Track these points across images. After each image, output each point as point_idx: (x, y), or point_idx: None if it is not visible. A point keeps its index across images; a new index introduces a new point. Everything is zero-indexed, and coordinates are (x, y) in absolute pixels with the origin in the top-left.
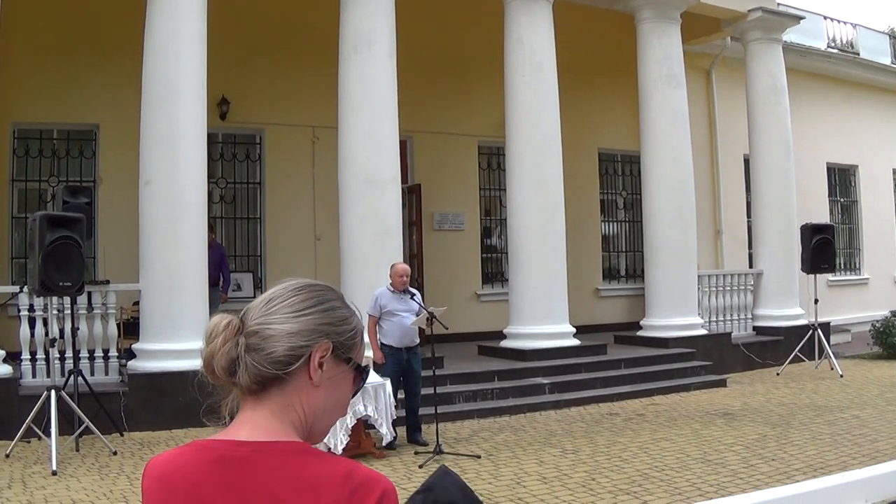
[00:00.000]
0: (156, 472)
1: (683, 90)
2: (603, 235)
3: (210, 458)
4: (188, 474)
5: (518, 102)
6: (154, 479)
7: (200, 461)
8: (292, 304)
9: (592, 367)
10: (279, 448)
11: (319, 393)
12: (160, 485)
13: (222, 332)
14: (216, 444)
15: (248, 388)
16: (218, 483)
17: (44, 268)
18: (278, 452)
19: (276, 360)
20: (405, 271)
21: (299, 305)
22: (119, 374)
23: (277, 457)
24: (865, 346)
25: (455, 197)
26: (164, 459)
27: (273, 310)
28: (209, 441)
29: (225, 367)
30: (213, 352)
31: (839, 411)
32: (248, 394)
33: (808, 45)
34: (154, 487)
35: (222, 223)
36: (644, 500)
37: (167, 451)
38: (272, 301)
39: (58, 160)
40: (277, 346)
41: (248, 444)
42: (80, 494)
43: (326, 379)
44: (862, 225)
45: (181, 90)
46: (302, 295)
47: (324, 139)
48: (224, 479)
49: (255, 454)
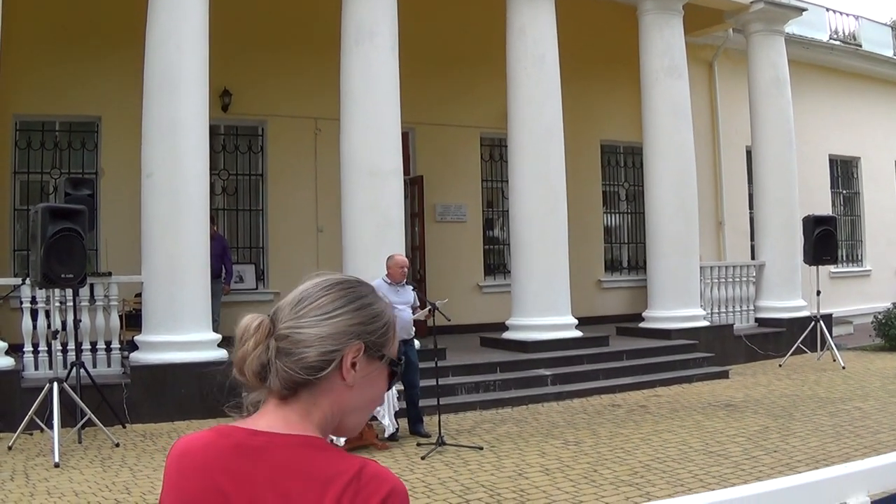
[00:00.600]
0: (178, 450)
1: (686, 82)
2: (605, 227)
3: (228, 445)
4: (205, 457)
5: (520, 94)
6: (174, 457)
7: (219, 446)
8: (322, 306)
9: (595, 359)
10: (294, 441)
11: (353, 392)
12: (178, 464)
13: (253, 335)
14: (235, 431)
15: (279, 392)
16: (230, 470)
17: (46, 260)
18: (293, 445)
19: (308, 366)
20: (405, 263)
21: (329, 307)
22: (121, 365)
23: (291, 450)
24: (868, 337)
25: (457, 188)
26: (188, 440)
27: (303, 312)
28: (230, 427)
29: (256, 371)
30: (244, 355)
31: (841, 403)
32: (279, 398)
33: (811, 36)
34: (172, 466)
35: (224, 215)
36: (646, 492)
37: (193, 434)
38: (301, 302)
39: (60, 152)
40: (308, 352)
41: (264, 435)
42: (82, 486)
43: (360, 378)
44: (864, 216)
45: (183, 82)
46: (331, 294)
47: (326, 131)
48: (236, 466)
49: (270, 445)
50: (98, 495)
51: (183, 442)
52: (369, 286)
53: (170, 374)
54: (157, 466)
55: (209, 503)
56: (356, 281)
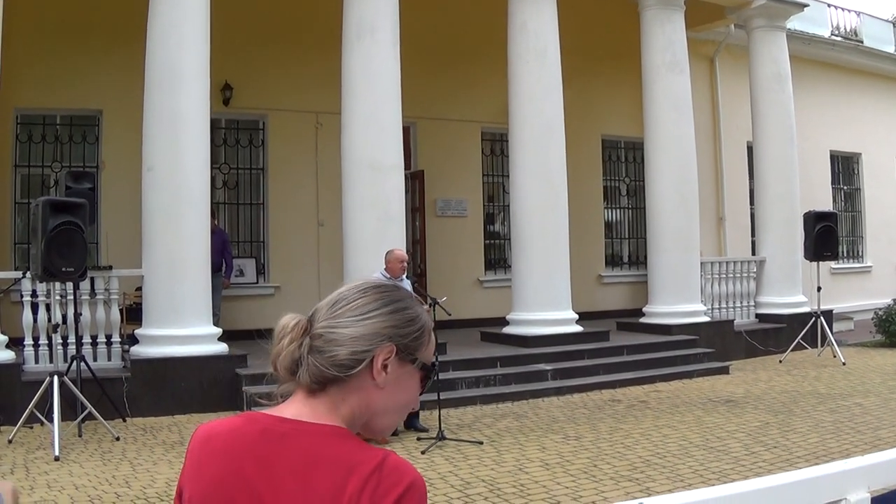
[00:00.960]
0: (202, 434)
1: (687, 77)
2: (606, 222)
3: (255, 430)
4: (230, 441)
5: (521, 89)
6: (199, 440)
7: (245, 431)
8: (357, 307)
9: (595, 354)
10: (319, 430)
11: (383, 394)
12: (202, 448)
13: (290, 333)
14: (263, 418)
15: (308, 386)
16: (255, 454)
17: (46, 253)
18: (318, 434)
19: (338, 364)
20: (404, 257)
21: (364, 308)
22: (122, 359)
23: (316, 438)
24: (868, 333)
25: (458, 183)
26: (215, 424)
27: (339, 312)
28: (258, 414)
29: (287, 366)
30: (280, 351)
31: (841, 399)
32: (308, 391)
33: (812, 32)
34: (196, 449)
35: (225, 209)
36: (646, 487)
37: (222, 419)
38: (338, 303)
39: (61, 146)
40: (339, 350)
41: (291, 422)
42: (82, 480)
43: (391, 380)
44: (865, 213)
45: (184, 76)
46: (367, 297)
47: (327, 125)
48: (261, 451)
49: (296, 432)
50: (98, 489)
51: (208, 426)
52: (407, 291)
53: (170, 367)
54: (158, 460)
55: (230, 486)
56: (394, 286)
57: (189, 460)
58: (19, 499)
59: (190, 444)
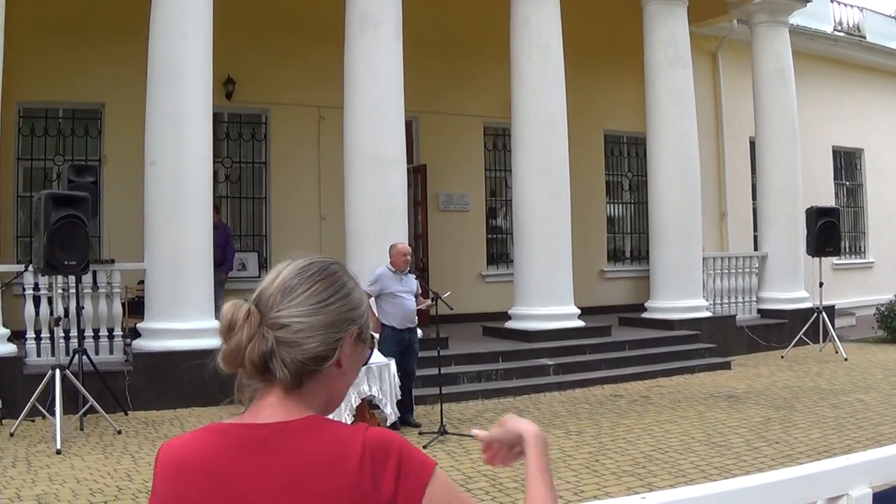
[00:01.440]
0: (173, 457)
1: (689, 72)
2: (608, 217)
3: (231, 443)
4: (209, 460)
5: (524, 83)
6: (171, 465)
7: (221, 446)
8: (316, 294)
9: (597, 349)
10: (295, 426)
11: (344, 377)
12: (178, 472)
13: (244, 325)
14: (235, 428)
15: (287, 383)
16: (240, 468)
17: (49, 247)
18: (295, 431)
19: (315, 356)
20: (408, 251)
21: (323, 295)
22: (124, 353)
23: (294, 435)
24: (870, 329)
25: (460, 177)
26: (181, 444)
27: (297, 301)
28: (228, 425)
29: (256, 361)
30: (239, 346)
31: (843, 395)
32: (283, 389)
33: (815, 28)
34: (171, 473)
35: (227, 202)
36: (648, 482)
37: (183, 436)
38: (293, 290)
39: (63, 139)
40: (312, 341)
41: (266, 427)
42: (84, 473)
43: (350, 362)
44: (867, 208)
45: (187, 69)
46: (323, 283)
47: (329, 119)
48: (246, 463)
49: (273, 435)
50: (100, 482)
51: (175, 447)
52: (341, 264)
53: (172, 361)
54: None
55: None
56: (336, 265)
57: (164, 489)
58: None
59: (158, 469)
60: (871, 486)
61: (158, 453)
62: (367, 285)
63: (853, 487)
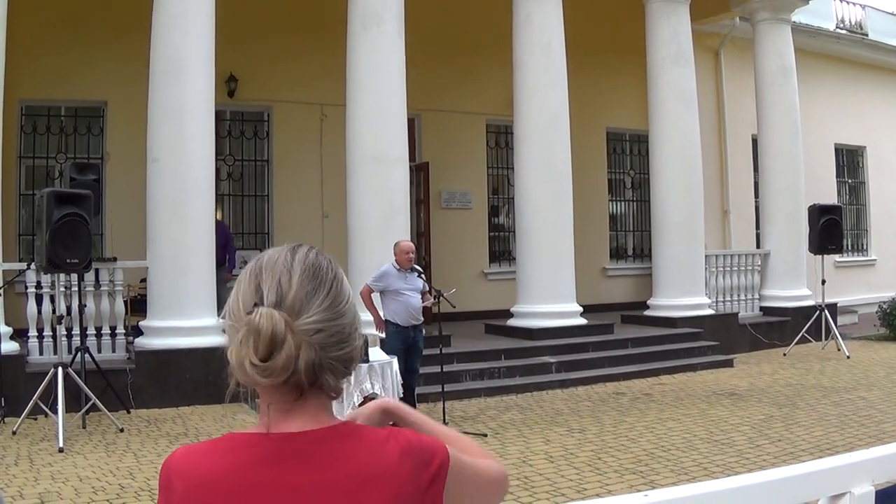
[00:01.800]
0: (195, 474)
1: (692, 70)
2: (610, 215)
3: (264, 457)
4: (242, 477)
5: (526, 81)
6: (195, 483)
7: (253, 460)
8: (336, 296)
9: (599, 347)
10: (334, 434)
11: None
12: (205, 491)
13: (286, 335)
14: (265, 440)
15: (334, 391)
16: (280, 483)
17: (51, 245)
18: (334, 439)
19: (351, 357)
20: (411, 248)
21: (342, 296)
22: (126, 351)
23: (336, 444)
24: (872, 327)
25: (463, 175)
26: (201, 455)
27: (326, 303)
28: (254, 436)
29: (307, 372)
30: (290, 358)
31: (846, 392)
32: (304, 394)
33: (817, 25)
34: (196, 494)
35: (230, 200)
36: (650, 480)
37: (198, 446)
38: (316, 291)
39: (65, 137)
40: (346, 344)
41: (302, 437)
42: (86, 471)
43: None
44: (869, 206)
45: (189, 67)
46: (338, 279)
47: (332, 117)
48: (285, 477)
49: (313, 445)
50: (102, 480)
51: (196, 463)
52: (322, 251)
53: (174, 359)
54: (162, 452)
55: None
56: (313, 248)
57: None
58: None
59: (178, 486)
60: (874, 484)
61: (171, 465)
62: (372, 280)
63: (856, 485)
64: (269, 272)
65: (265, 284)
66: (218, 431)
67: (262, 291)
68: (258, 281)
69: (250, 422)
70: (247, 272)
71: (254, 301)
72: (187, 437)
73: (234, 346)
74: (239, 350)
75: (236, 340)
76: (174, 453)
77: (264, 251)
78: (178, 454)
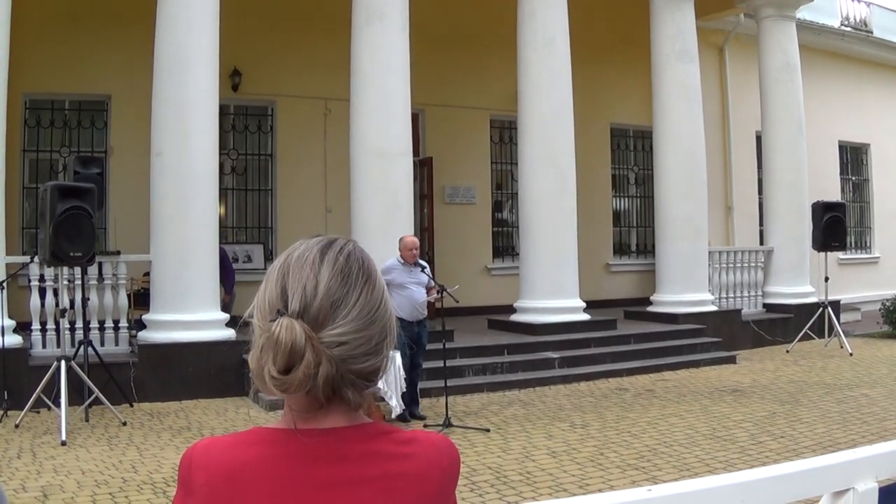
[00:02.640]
0: (220, 467)
1: (696, 66)
2: (614, 210)
3: (292, 452)
4: (269, 471)
5: (530, 76)
6: (220, 476)
7: (281, 455)
8: (367, 302)
9: (602, 342)
10: (362, 432)
11: None
12: (231, 484)
13: (306, 349)
14: (292, 436)
15: (354, 405)
16: (309, 479)
17: (54, 238)
18: (363, 437)
19: (376, 370)
20: (415, 244)
21: (372, 301)
22: (129, 344)
23: (365, 442)
24: (875, 324)
25: (466, 170)
26: (227, 452)
27: (352, 314)
28: (282, 431)
29: (326, 387)
30: (309, 373)
31: (848, 389)
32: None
33: (822, 22)
34: (221, 486)
35: (233, 194)
36: (652, 476)
37: (222, 439)
38: (343, 301)
39: (69, 130)
40: (371, 357)
41: (332, 433)
42: (89, 465)
43: None
44: (873, 203)
45: (193, 61)
46: (367, 285)
47: (336, 111)
48: (314, 474)
49: (343, 443)
50: (105, 473)
51: (219, 455)
52: (355, 243)
53: (177, 353)
54: (164, 445)
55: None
56: (355, 246)
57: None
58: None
59: (199, 479)
60: (878, 481)
61: (193, 457)
62: None
63: (859, 481)
64: (297, 274)
65: (290, 289)
66: (220, 425)
67: (287, 296)
68: (284, 283)
69: (253, 415)
70: (276, 268)
71: (278, 307)
72: (190, 430)
73: (255, 352)
74: (260, 358)
75: (258, 346)
76: (196, 445)
77: (295, 245)
78: (199, 446)
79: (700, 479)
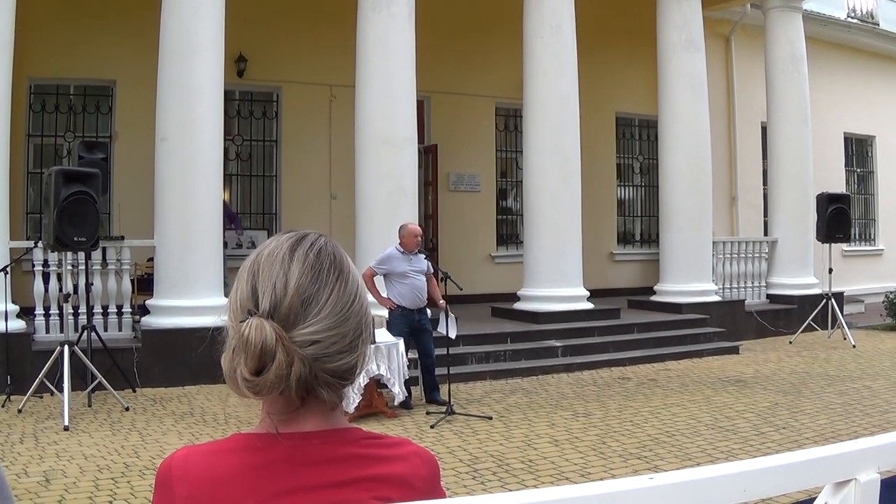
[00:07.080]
0: (202, 476)
1: (702, 56)
2: (618, 200)
3: (276, 458)
4: (253, 478)
5: (536, 64)
6: (203, 486)
7: (264, 461)
8: (339, 299)
9: (605, 331)
10: (344, 436)
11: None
12: (215, 493)
13: (277, 349)
14: (274, 441)
15: (330, 405)
16: (294, 485)
17: (58, 223)
18: (345, 440)
19: (349, 368)
20: (418, 232)
21: (345, 297)
22: (132, 329)
23: (347, 446)
24: (878, 316)
25: (471, 158)
26: (208, 461)
27: (324, 312)
28: (263, 436)
29: (299, 388)
30: (280, 374)
31: (851, 381)
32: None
33: (828, 14)
34: (205, 497)
35: (238, 180)
36: (655, 465)
37: (203, 450)
38: (314, 299)
39: (74, 115)
40: (345, 355)
41: (314, 437)
42: (91, 450)
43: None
44: (878, 195)
45: (199, 46)
46: (339, 281)
47: (341, 98)
48: (299, 479)
49: (326, 447)
50: (107, 458)
51: (201, 464)
52: (328, 238)
53: (181, 338)
54: (167, 430)
55: None
56: (326, 240)
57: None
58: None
59: (180, 493)
60: (880, 471)
61: (172, 468)
62: (375, 264)
63: (862, 472)
64: (267, 273)
65: (261, 287)
66: (223, 411)
67: (257, 295)
68: (255, 282)
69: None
70: (246, 267)
71: (248, 307)
72: (192, 416)
73: (227, 354)
74: (232, 360)
75: (229, 348)
76: (174, 455)
77: (267, 241)
78: (178, 456)
79: (702, 468)
